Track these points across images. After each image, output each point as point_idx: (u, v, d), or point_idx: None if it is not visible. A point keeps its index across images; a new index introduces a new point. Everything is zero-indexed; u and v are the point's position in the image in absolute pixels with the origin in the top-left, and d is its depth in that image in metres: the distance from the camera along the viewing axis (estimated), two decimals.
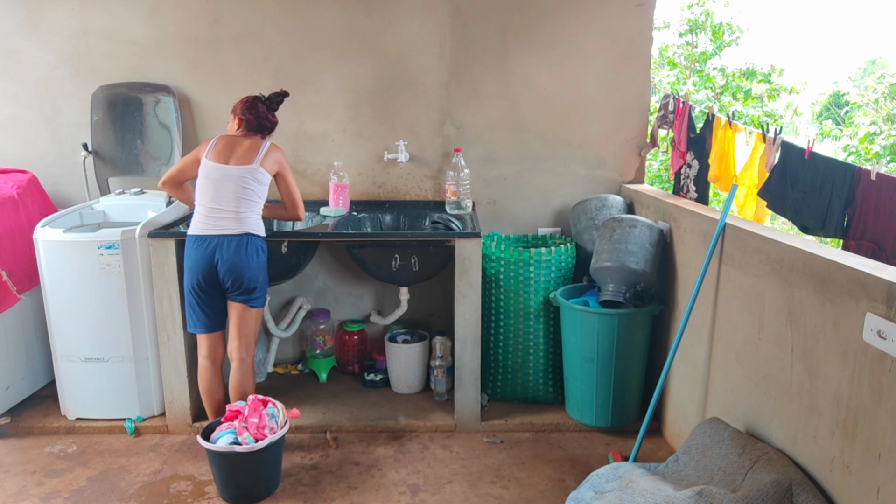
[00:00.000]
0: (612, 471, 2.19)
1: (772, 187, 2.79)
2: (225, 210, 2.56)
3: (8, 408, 3.11)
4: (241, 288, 2.59)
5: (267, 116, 2.73)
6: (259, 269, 2.62)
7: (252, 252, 2.59)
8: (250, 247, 2.58)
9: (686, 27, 8.94)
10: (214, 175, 2.57)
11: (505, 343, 3.17)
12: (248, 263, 2.57)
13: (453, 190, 3.32)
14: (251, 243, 2.59)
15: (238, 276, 2.56)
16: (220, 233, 2.55)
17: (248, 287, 2.60)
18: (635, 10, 3.40)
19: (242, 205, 2.58)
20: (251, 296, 2.62)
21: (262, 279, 2.65)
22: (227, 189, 2.56)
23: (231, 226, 2.56)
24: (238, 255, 2.55)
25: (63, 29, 3.39)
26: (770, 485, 1.80)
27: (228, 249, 2.55)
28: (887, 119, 7.72)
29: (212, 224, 2.56)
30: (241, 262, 2.55)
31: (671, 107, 3.47)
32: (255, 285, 2.62)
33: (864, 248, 2.38)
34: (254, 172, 2.58)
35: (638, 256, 2.84)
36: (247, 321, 2.66)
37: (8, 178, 3.22)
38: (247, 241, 2.57)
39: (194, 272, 2.58)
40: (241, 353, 2.67)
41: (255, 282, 2.61)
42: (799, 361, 1.92)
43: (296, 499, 2.52)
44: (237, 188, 2.56)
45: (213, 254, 2.55)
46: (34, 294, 3.13)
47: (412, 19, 3.39)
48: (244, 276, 2.57)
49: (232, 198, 2.56)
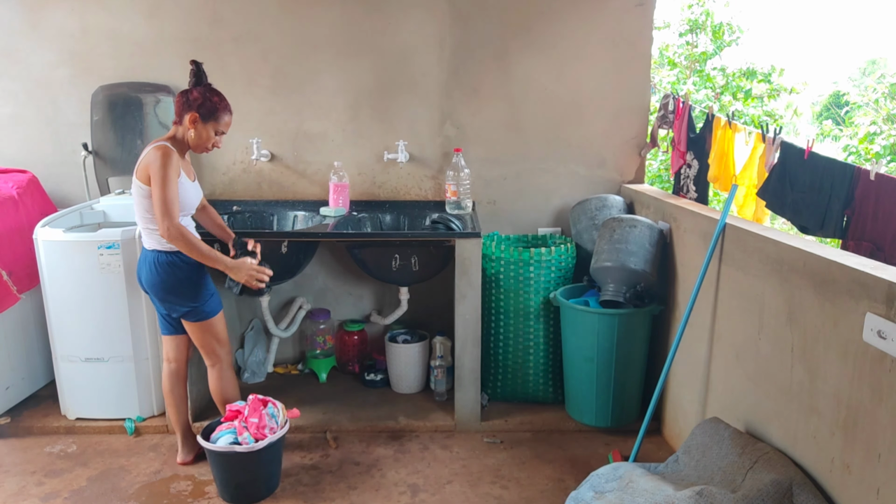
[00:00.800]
0: (612, 471, 2.19)
1: (771, 187, 2.79)
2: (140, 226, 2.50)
3: (8, 408, 3.12)
4: (166, 305, 2.51)
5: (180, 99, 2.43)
6: (171, 285, 2.45)
7: (154, 268, 2.45)
8: (155, 263, 2.45)
9: (686, 27, 8.94)
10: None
11: (505, 343, 3.17)
12: (153, 280, 2.46)
13: (453, 190, 3.32)
14: (156, 259, 2.44)
15: (151, 291, 2.51)
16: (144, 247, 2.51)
17: (168, 303, 2.50)
18: (635, 10, 3.40)
19: (141, 221, 2.46)
20: (177, 309, 2.50)
21: (176, 294, 2.47)
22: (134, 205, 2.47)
23: (144, 241, 2.50)
24: (145, 270, 2.49)
25: (63, 29, 3.39)
26: (770, 485, 1.80)
27: (141, 264, 2.51)
28: (887, 119, 7.72)
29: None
30: (148, 277, 2.48)
31: (671, 107, 3.47)
32: (173, 300, 2.48)
33: (864, 248, 2.38)
34: (135, 186, 2.39)
35: (638, 256, 2.84)
36: (194, 333, 2.57)
37: (8, 178, 3.23)
38: (153, 256, 2.45)
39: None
40: (209, 361, 2.63)
41: (171, 297, 2.48)
42: (799, 361, 1.92)
43: (296, 499, 2.52)
44: (135, 204, 2.44)
45: (139, 269, 2.55)
46: (34, 294, 3.13)
47: (412, 19, 3.39)
48: (155, 292, 2.49)
49: (136, 213, 2.46)
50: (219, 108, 2.44)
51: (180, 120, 2.43)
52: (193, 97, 2.40)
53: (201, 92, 2.41)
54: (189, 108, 2.40)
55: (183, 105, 2.41)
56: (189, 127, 2.41)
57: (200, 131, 2.43)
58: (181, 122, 2.43)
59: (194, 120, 2.40)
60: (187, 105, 2.41)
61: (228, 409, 2.55)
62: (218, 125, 2.46)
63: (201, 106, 2.40)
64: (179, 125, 2.44)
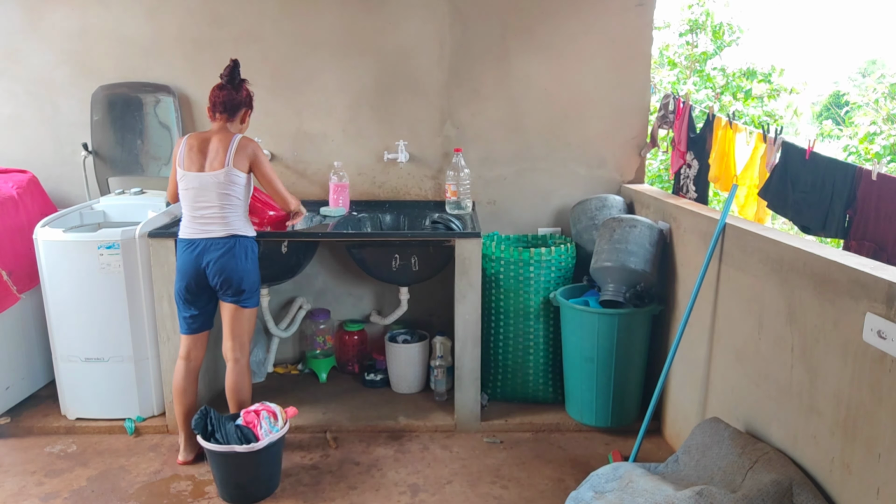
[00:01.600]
0: (612, 471, 2.19)
1: (772, 187, 2.79)
2: (209, 214, 2.54)
3: (8, 408, 3.11)
4: (232, 289, 2.58)
5: (232, 96, 2.58)
6: (248, 270, 2.60)
7: (240, 253, 2.57)
8: (238, 248, 2.56)
9: (686, 27, 8.94)
10: (192, 184, 2.53)
11: (505, 343, 3.17)
12: (235, 265, 2.55)
13: (453, 190, 3.32)
14: (239, 244, 2.57)
15: (227, 277, 2.55)
16: (207, 236, 2.54)
17: (238, 288, 2.58)
18: (635, 10, 3.40)
19: (226, 208, 2.54)
20: (242, 297, 2.60)
21: (252, 280, 2.62)
22: (207, 195, 2.53)
23: (217, 229, 2.54)
24: (226, 257, 2.53)
25: (63, 29, 3.39)
26: (770, 485, 1.80)
27: (216, 252, 2.54)
28: (887, 119, 7.71)
29: (198, 228, 2.55)
30: (229, 264, 2.54)
31: (671, 107, 3.47)
32: (246, 286, 2.59)
33: (866, 248, 2.38)
34: (228, 175, 2.52)
35: (638, 256, 2.84)
36: (239, 322, 2.64)
37: (8, 178, 3.22)
38: (234, 242, 2.56)
39: (184, 275, 2.58)
40: (236, 354, 2.66)
41: (245, 283, 2.59)
42: (799, 361, 1.92)
43: (296, 499, 2.51)
44: (216, 194, 2.52)
45: (202, 257, 2.54)
46: (34, 294, 3.13)
47: (412, 19, 3.39)
48: (233, 278, 2.56)
49: (214, 202, 2.53)
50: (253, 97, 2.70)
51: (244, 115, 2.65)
52: (248, 93, 2.64)
53: (246, 87, 2.64)
54: (249, 103, 2.65)
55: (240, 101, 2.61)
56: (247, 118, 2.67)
57: (248, 121, 2.71)
58: (234, 119, 2.61)
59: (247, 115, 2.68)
60: (248, 101, 2.64)
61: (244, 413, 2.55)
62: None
63: (251, 99, 2.67)
64: (231, 121, 2.60)
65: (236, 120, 2.61)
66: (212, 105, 2.59)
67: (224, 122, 2.59)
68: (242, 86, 2.61)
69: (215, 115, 2.60)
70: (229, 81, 2.58)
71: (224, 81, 2.58)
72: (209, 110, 2.61)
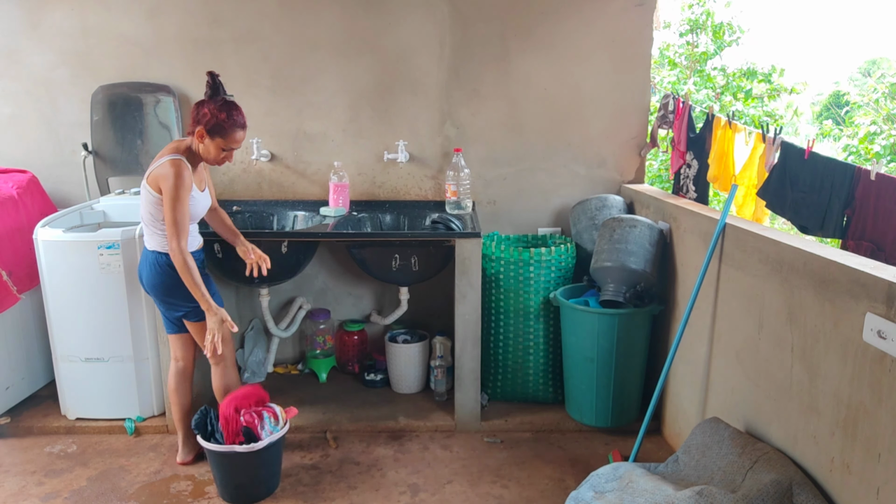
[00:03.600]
0: (612, 471, 2.19)
1: (771, 187, 2.78)
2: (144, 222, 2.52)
3: (8, 408, 3.12)
4: (163, 304, 2.55)
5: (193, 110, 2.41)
6: (170, 286, 2.46)
7: (155, 269, 2.48)
8: (156, 264, 2.48)
9: (686, 27, 8.94)
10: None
11: (505, 343, 3.17)
12: (153, 280, 2.49)
13: (453, 190, 3.32)
14: (157, 261, 2.47)
15: (151, 292, 2.54)
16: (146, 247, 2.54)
17: (168, 304, 2.53)
18: (635, 10, 3.40)
19: (146, 222, 2.48)
20: (179, 309, 2.53)
21: (176, 295, 2.48)
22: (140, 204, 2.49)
23: (145, 241, 2.52)
24: (146, 271, 2.51)
25: (63, 29, 3.39)
26: (770, 485, 1.80)
27: (143, 264, 2.54)
28: (887, 119, 7.72)
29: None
30: (149, 278, 2.50)
31: (671, 107, 3.47)
32: (173, 301, 2.50)
33: (864, 247, 2.38)
34: (145, 189, 2.42)
35: (638, 256, 2.84)
36: (197, 333, 2.59)
37: (8, 178, 3.22)
38: (153, 257, 2.48)
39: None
40: (214, 359, 2.62)
41: (171, 298, 2.50)
42: (799, 361, 1.92)
43: (296, 499, 2.52)
44: (142, 204, 2.47)
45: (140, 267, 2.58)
46: (34, 294, 3.13)
47: (412, 19, 3.39)
48: (155, 293, 2.53)
49: (142, 214, 2.49)
50: (225, 126, 2.37)
51: (192, 132, 2.41)
52: (203, 112, 2.37)
53: (211, 108, 2.36)
54: (198, 122, 2.38)
55: (193, 117, 2.39)
56: (198, 141, 2.40)
57: (208, 146, 2.40)
58: (193, 134, 2.41)
59: (201, 135, 2.38)
60: (196, 119, 2.38)
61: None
62: (225, 142, 2.40)
63: (208, 122, 2.36)
64: (190, 134, 2.44)
65: (191, 136, 2.43)
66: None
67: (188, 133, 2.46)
68: (207, 104, 2.38)
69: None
70: (212, 95, 2.41)
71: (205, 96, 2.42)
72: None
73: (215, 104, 2.37)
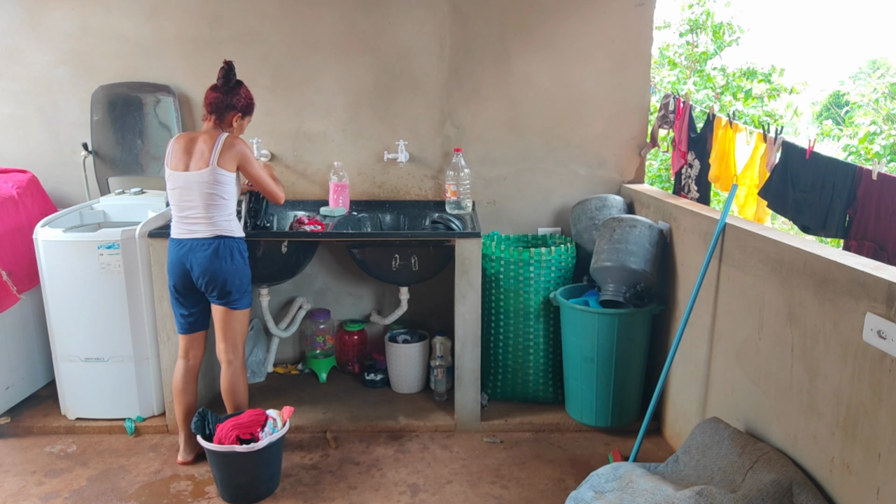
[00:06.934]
0: (612, 471, 2.19)
1: (773, 187, 2.79)
2: (194, 215, 2.51)
3: (8, 408, 3.11)
4: (217, 291, 2.55)
5: (221, 99, 2.55)
6: (235, 272, 2.55)
7: (225, 255, 2.53)
8: (223, 249, 2.52)
9: (686, 27, 8.94)
10: (178, 183, 2.51)
11: (505, 343, 3.17)
12: (220, 266, 2.51)
13: (453, 190, 3.32)
14: (224, 246, 2.53)
15: (212, 279, 2.52)
16: (193, 236, 2.52)
17: (224, 290, 2.55)
18: (635, 10, 3.40)
19: (210, 208, 2.50)
20: (229, 298, 2.57)
21: (239, 281, 2.57)
22: (192, 195, 2.50)
23: (202, 229, 2.52)
24: (210, 258, 2.51)
25: (63, 29, 3.39)
26: (770, 485, 1.80)
27: (202, 253, 2.51)
28: (887, 119, 7.72)
29: (185, 228, 2.54)
30: (213, 265, 2.51)
31: (671, 106, 3.47)
32: (231, 288, 2.55)
33: (866, 247, 2.38)
34: (214, 174, 2.48)
35: (638, 256, 2.84)
36: (230, 324, 2.61)
37: (8, 178, 3.22)
38: (219, 243, 2.52)
39: (172, 274, 2.58)
40: (229, 356, 2.64)
41: (230, 284, 2.54)
42: (799, 361, 1.92)
43: (296, 499, 2.51)
44: (201, 194, 2.49)
45: (187, 257, 2.53)
46: (34, 294, 3.13)
47: (412, 19, 3.39)
48: (218, 280, 2.53)
49: (199, 203, 2.50)
50: (253, 104, 2.67)
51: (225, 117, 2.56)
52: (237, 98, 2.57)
53: (245, 91, 2.61)
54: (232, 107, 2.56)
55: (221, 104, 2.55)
56: (235, 125, 2.60)
57: (241, 126, 2.65)
58: (223, 121, 2.56)
59: (238, 119, 2.60)
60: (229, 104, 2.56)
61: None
62: (250, 119, 2.70)
63: (244, 105, 2.60)
64: (220, 123, 2.56)
65: (225, 123, 2.57)
66: (204, 105, 2.58)
67: (213, 123, 2.56)
68: (238, 90, 2.58)
69: (206, 116, 2.58)
70: (224, 84, 2.55)
71: (218, 84, 2.55)
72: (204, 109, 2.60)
73: (244, 87, 2.62)
